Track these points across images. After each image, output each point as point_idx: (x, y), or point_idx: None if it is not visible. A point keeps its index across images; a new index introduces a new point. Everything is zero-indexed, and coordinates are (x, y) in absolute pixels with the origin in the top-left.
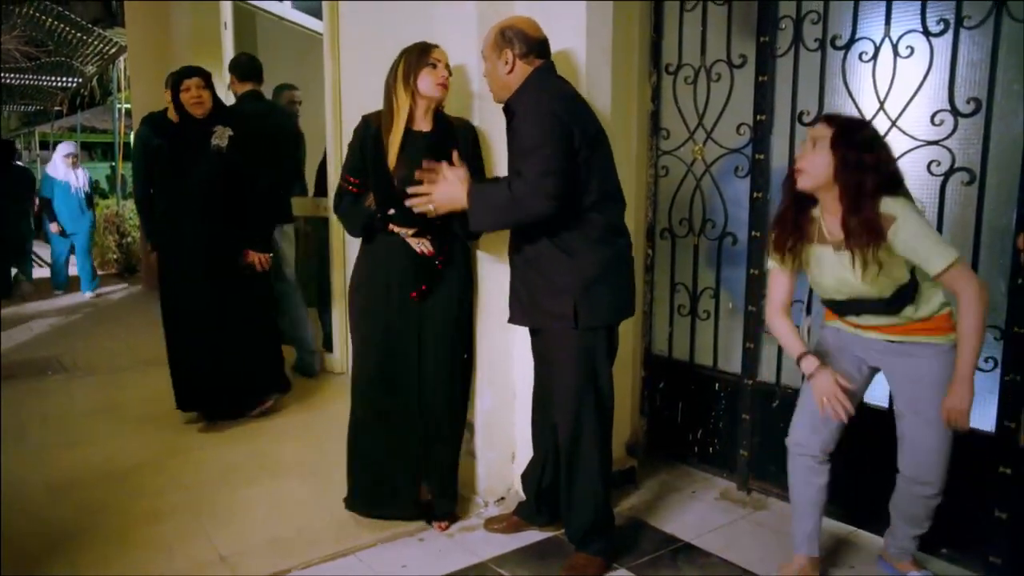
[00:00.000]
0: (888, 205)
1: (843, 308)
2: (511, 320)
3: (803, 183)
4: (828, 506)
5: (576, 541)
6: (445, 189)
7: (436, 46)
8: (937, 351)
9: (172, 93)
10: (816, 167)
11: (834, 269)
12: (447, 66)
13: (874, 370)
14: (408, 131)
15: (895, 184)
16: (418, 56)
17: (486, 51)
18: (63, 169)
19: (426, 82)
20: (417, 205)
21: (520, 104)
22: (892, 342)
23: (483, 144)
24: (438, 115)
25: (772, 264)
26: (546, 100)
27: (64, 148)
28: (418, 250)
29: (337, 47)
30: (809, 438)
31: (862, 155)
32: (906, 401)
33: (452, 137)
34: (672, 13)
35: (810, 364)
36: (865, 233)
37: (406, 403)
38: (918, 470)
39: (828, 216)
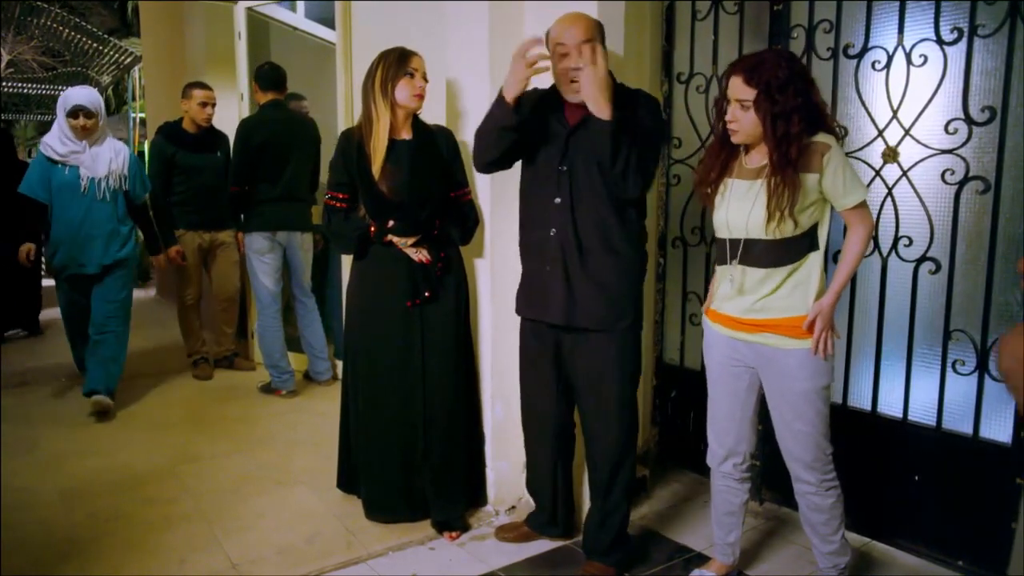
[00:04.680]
0: (823, 137)
1: (723, 251)
2: (548, 318)
3: (737, 139)
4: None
5: (600, 553)
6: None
7: (415, 54)
8: (801, 356)
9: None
10: (747, 126)
11: (740, 201)
12: (424, 76)
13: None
14: (390, 140)
15: (821, 118)
16: (397, 64)
17: (595, 44)
18: (62, 143)
19: (403, 93)
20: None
21: (641, 100)
22: (760, 345)
23: (464, 155)
24: (417, 121)
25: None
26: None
27: (70, 96)
28: (416, 259)
29: (350, 54)
30: (724, 462)
31: (786, 104)
32: (776, 396)
33: (433, 143)
34: (683, 22)
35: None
36: (793, 162)
37: (411, 412)
38: (789, 450)
39: (755, 152)
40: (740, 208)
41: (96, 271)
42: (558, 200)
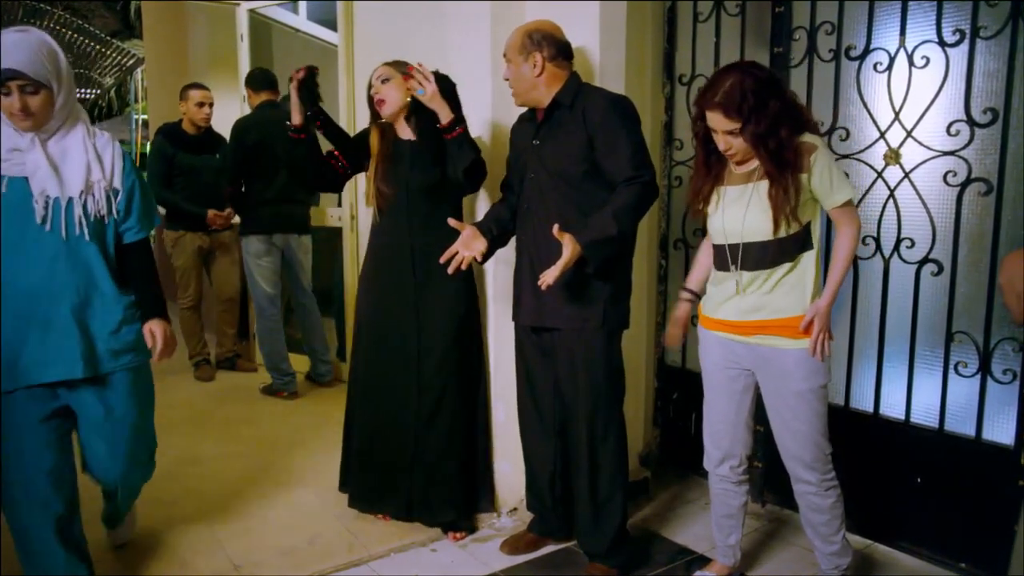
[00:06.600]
0: (808, 138)
1: (723, 257)
2: (521, 320)
3: (737, 159)
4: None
5: (601, 554)
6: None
7: (376, 69)
8: (798, 356)
9: None
10: (743, 148)
11: (733, 207)
12: (381, 80)
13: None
14: (396, 139)
15: (800, 115)
16: (367, 92)
17: (510, 54)
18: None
19: (377, 108)
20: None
21: (595, 101)
22: (757, 345)
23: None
24: (423, 122)
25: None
26: (631, 104)
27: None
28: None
29: (351, 56)
30: (721, 465)
31: (769, 119)
32: (773, 397)
33: (436, 141)
34: (685, 24)
35: (682, 295)
36: (789, 162)
37: (406, 411)
38: (788, 451)
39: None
40: (735, 213)
41: (75, 376)
42: (526, 206)
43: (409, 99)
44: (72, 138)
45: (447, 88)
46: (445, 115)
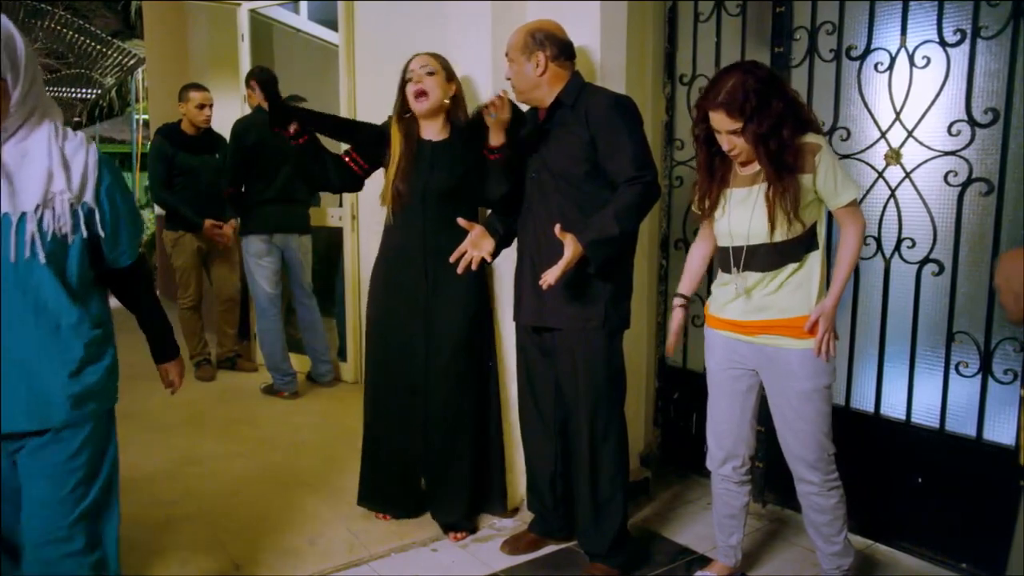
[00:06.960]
0: (812, 137)
1: (727, 260)
2: (524, 320)
3: (741, 160)
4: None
5: (602, 554)
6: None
7: (414, 56)
8: (803, 356)
9: None
10: (744, 148)
11: (739, 208)
12: (426, 70)
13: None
14: (419, 139)
15: (802, 113)
16: (401, 77)
17: (512, 53)
18: None
19: (410, 99)
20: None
21: (597, 101)
22: (763, 345)
23: None
24: (455, 122)
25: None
26: (633, 104)
27: None
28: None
29: (352, 56)
30: (724, 465)
31: (772, 119)
32: (777, 396)
33: (460, 146)
34: (686, 24)
35: (676, 301)
36: (788, 164)
37: (412, 407)
38: (791, 451)
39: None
40: (741, 215)
41: (15, 429)
42: (528, 206)
43: (447, 100)
44: (35, 140)
45: (515, 121)
46: (497, 140)
